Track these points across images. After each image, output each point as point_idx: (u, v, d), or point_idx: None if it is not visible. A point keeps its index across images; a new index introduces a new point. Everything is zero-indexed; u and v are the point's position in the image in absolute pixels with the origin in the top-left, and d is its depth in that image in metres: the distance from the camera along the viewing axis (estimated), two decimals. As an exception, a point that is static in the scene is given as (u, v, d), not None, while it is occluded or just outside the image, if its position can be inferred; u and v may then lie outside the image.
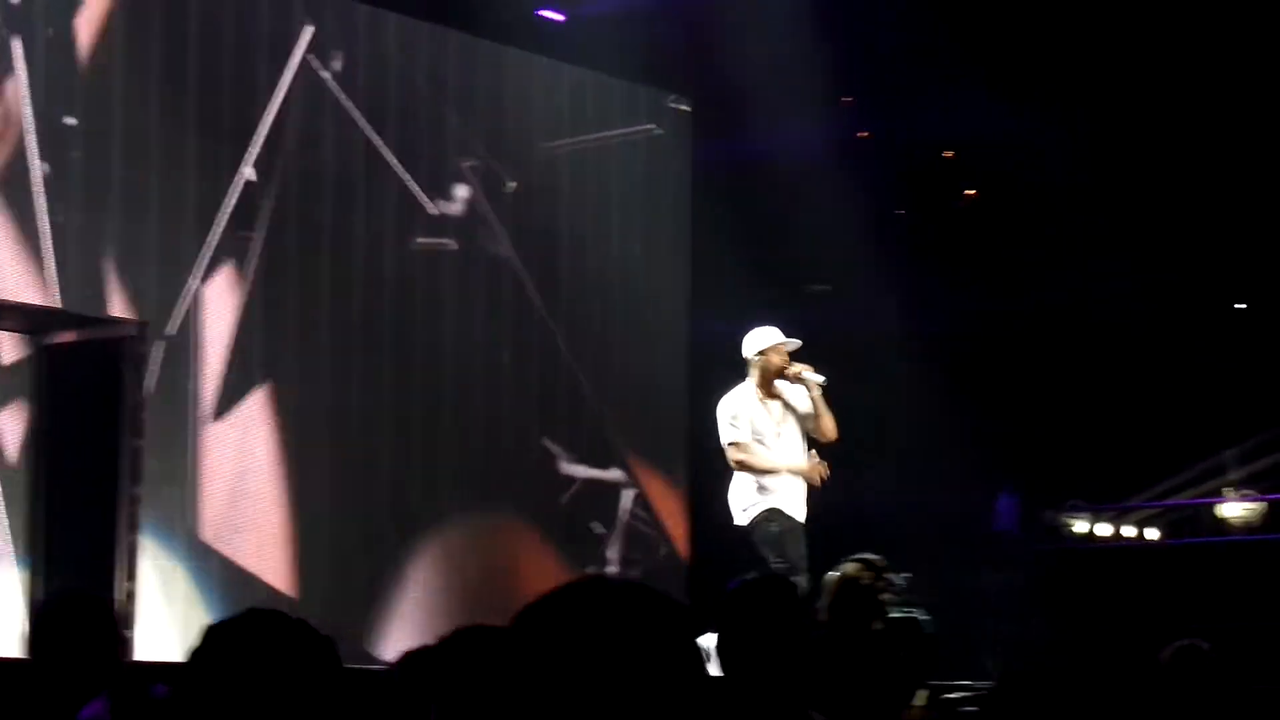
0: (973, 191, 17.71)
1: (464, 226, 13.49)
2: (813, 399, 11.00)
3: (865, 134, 16.36)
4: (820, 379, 11.02)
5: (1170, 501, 17.66)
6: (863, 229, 15.08)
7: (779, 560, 10.57)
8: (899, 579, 9.02)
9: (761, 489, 10.88)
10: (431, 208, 13.19)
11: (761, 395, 11.03)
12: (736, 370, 14.78)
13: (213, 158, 12.18)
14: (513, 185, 13.77)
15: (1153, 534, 17.71)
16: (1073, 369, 17.46)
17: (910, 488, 15.58)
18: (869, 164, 15.85)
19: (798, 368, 11.02)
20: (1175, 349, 16.88)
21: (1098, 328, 17.07)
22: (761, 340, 11.13)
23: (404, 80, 13.14)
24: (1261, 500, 17.16)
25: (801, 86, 14.48)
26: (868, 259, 15.24)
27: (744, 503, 10.91)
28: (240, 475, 12.08)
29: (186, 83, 12.05)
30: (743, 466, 10.87)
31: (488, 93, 13.72)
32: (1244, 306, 18.60)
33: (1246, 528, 17.15)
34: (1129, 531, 17.84)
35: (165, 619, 11.49)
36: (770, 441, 10.94)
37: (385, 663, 10.13)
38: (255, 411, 12.21)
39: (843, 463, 11.26)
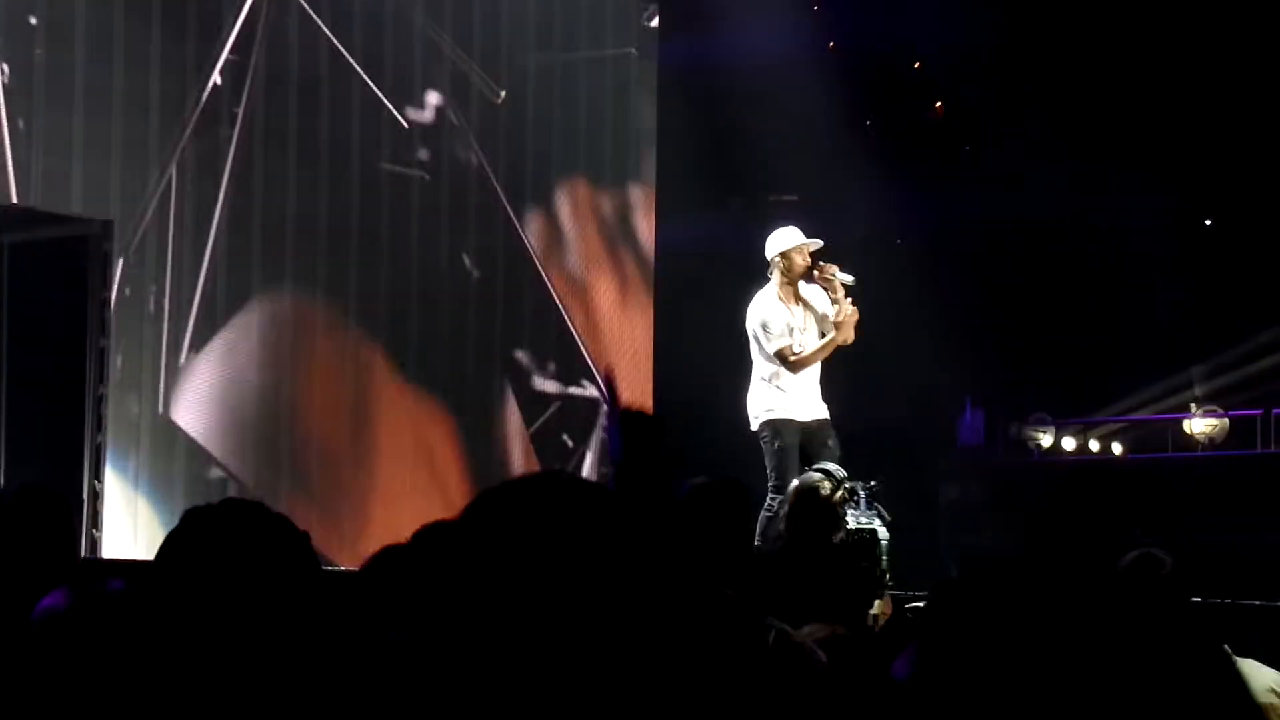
0: (940, 105, 17.69)
1: (434, 135, 13.44)
2: (836, 299, 10.69)
3: (832, 45, 16.31)
4: (849, 279, 10.71)
5: (1135, 416, 17.71)
6: (830, 140, 15.05)
7: (774, 477, 10.44)
8: (867, 486, 9.07)
9: (773, 393, 10.66)
10: (401, 120, 13.12)
11: (785, 297, 10.76)
12: (701, 278, 14.79)
13: (178, 57, 12.09)
14: (502, 94, 13.74)
15: (1117, 449, 17.77)
16: (1041, 284, 17.49)
17: (876, 399, 15.59)
18: (838, 74, 15.81)
19: (830, 268, 10.70)
20: (1143, 264, 16.91)
21: (1067, 242, 17.11)
22: (782, 241, 10.83)
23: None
24: (1225, 416, 17.22)
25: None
26: (835, 169, 15.23)
27: (754, 409, 10.74)
28: (206, 375, 12.07)
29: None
30: (802, 365, 10.60)
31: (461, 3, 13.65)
32: (1210, 223, 18.63)
33: (1210, 443, 17.21)
34: (1094, 446, 17.91)
35: (130, 519, 11.49)
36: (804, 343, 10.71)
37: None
38: (223, 312, 12.19)
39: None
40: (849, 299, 10.70)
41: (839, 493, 8.37)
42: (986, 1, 15.51)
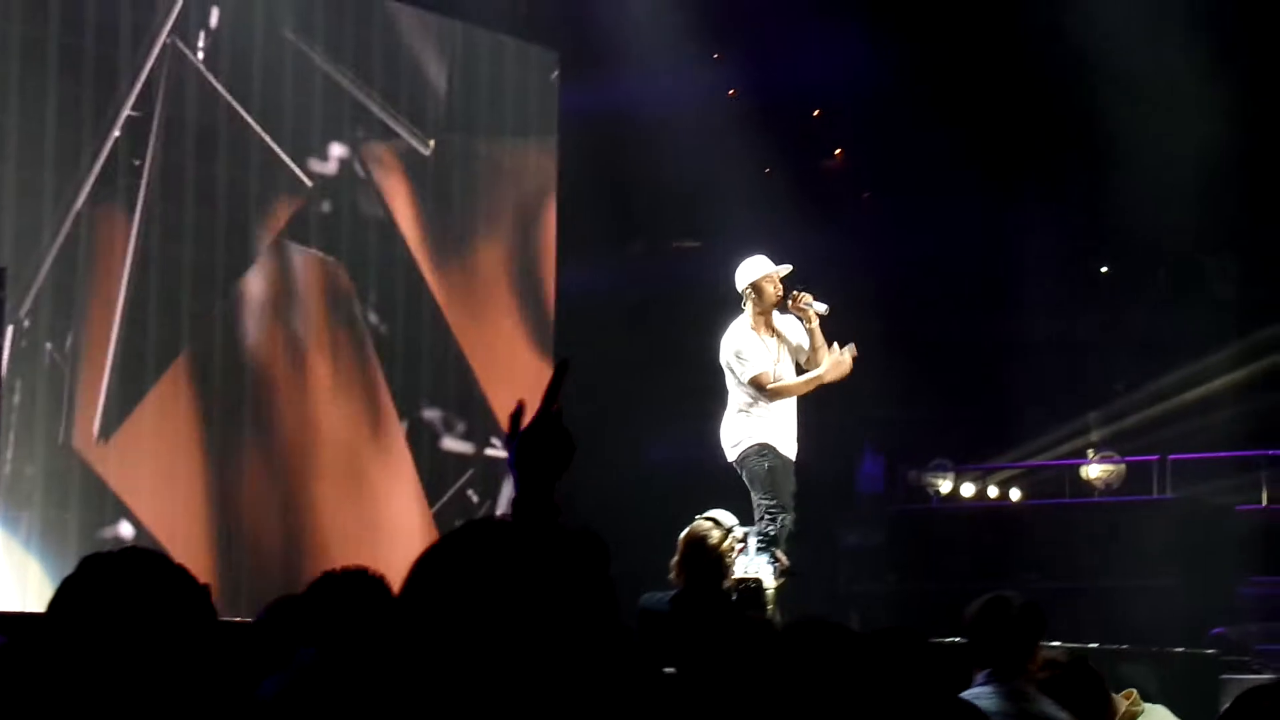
0: (840, 151, 17.80)
1: (336, 186, 13.38)
2: (810, 330, 10.52)
3: (733, 92, 16.39)
4: (823, 308, 10.57)
5: (1032, 462, 17.83)
6: (731, 186, 15.11)
7: (768, 496, 10.24)
8: (760, 529, 9.07)
9: (754, 422, 10.44)
10: (301, 173, 13.07)
11: (757, 327, 10.59)
12: (605, 324, 14.79)
13: (75, 108, 12.01)
14: (431, 144, 13.75)
15: (1015, 494, 17.87)
16: (940, 329, 17.59)
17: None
18: (738, 121, 15.88)
19: (804, 297, 10.53)
20: (1041, 310, 17.05)
21: (965, 288, 17.22)
22: (751, 271, 10.66)
23: (272, 40, 13.01)
24: (1121, 462, 17.36)
25: (672, 42, 14.49)
26: (735, 216, 15.28)
27: (734, 438, 10.49)
28: (108, 421, 11.96)
29: (48, 24, 11.88)
30: (780, 394, 10.40)
31: (359, 47, 13.61)
32: (1107, 270, 18.81)
33: (1107, 488, 17.35)
34: (993, 492, 18.01)
35: (18, 576, 11.37)
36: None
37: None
38: (135, 365, 12.11)
39: (712, 419, 11.22)
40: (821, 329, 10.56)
41: (727, 541, 8.35)
42: (886, 49, 15.62)
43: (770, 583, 8.85)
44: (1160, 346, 17.59)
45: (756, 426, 10.47)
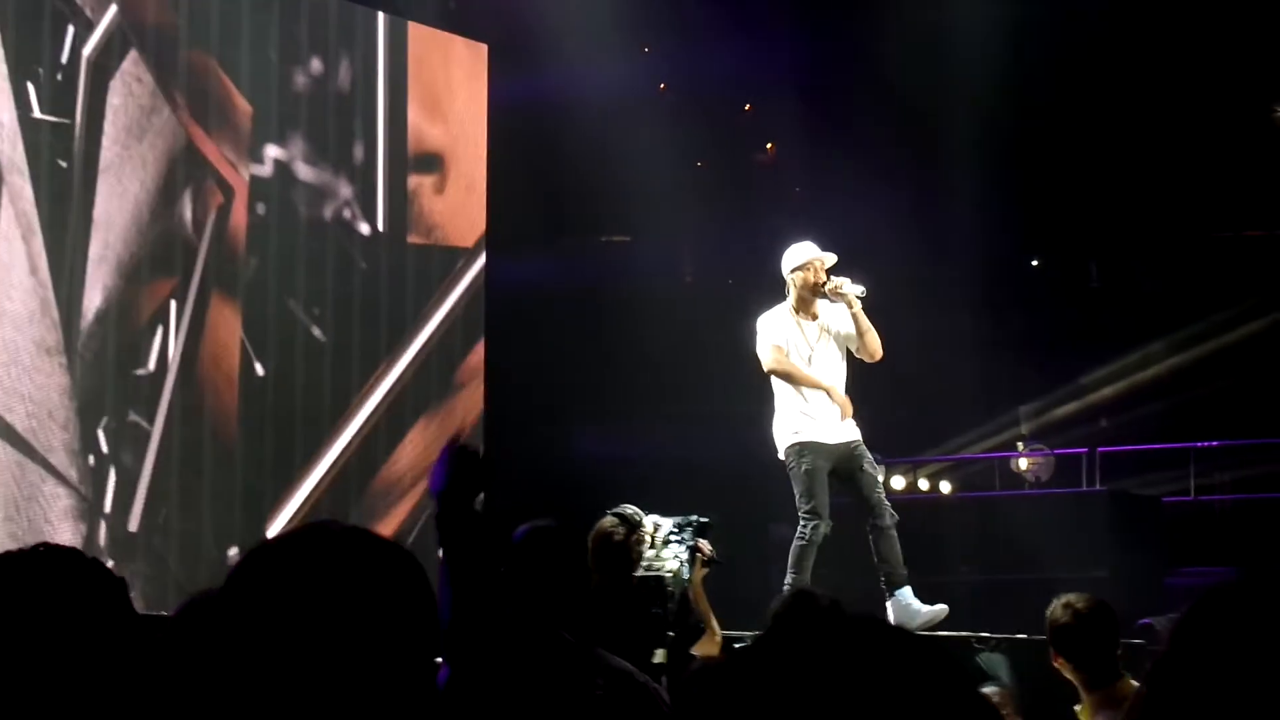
0: (771, 146, 17.82)
1: (272, 187, 13.27)
2: (854, 315, 10.35)
3: (664, 85, 16.39)
4: (860, 290, 10.37)
5: (963, 455, 17.90)
6: (662, 180, 15.10)
7: (802, 501, 10.24)
8: (688, 522, 9.05)
9: (798, 418, 10.35)
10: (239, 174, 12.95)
11: (798, 315, 10.44)
12: (534, 317, 14.75)
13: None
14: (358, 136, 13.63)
15: (946, 487, 17.93)
16: (870, 321, 17.61)
17: (706, 438, 15.63)
18: (669, 115, 15.88)
19: (835, 281, 10.35)
20: (972, 304, 17.11)
21: (898, 281, 17.24)
22: (797, 256, 10.54)
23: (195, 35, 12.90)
24: (1051, 454, 17.45)
25: (602, 34, 14.47)
26: (666, 210, 15.27)
27: (780, 437, 10.43)
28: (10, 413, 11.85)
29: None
30: (779, 373, 10.31)
31: (286, 40, 13.51)
32: (1037, 263, 18.90)
33: (1037, 481, 17.43)
34: (923, 484, 18.06)
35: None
36: (802, 364, 10.39)
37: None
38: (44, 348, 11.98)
39: (636, 412, 11.22)
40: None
41: (634, 535, 8.33)
42: (817, 44, 15.65)
43: (685, 574, 8.82)
44: (1090, 340, 17.69)
45: (795, 423, 10.38)
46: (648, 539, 8.71)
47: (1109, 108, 16.80)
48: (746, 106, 17.52)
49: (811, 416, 10.36)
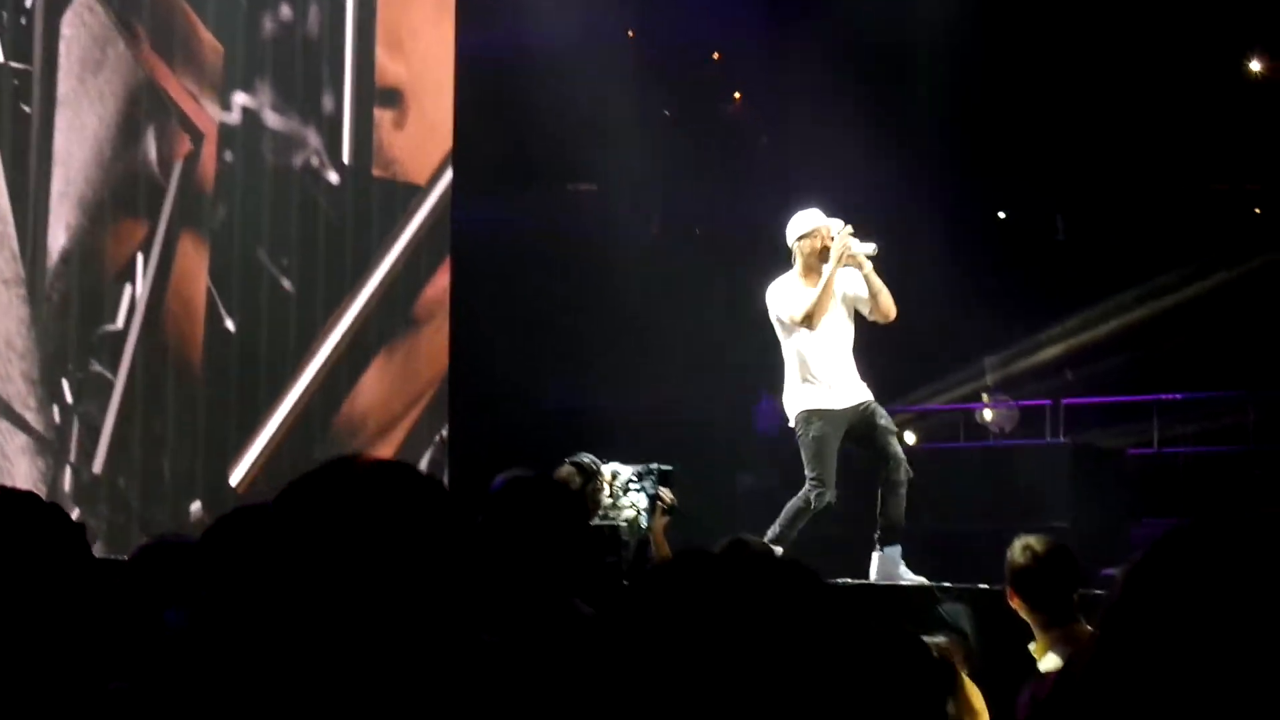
0: (739, 95, 17.79)
1: (239, 135, 13.17)
2: (865, 276, 10.24)
3: (632, 33, 16.33)
4: (870, 248, 10.29)
5: (928, 406, 17.92)
6: (629, 129, 15.07)
7: (810, 469, 10.19)
8: (648, 472, 9.06)
9: (801, 387, 10.27)
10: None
11: (806, 283, 10.32)
12: (501, 266, 14.72)
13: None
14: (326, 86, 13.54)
15: (911, 438, 17.95)
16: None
17: (672, 388, 15.64)
18: (637, 64, 15.84)
19: (842, 240, 10.22)
20: (938, 255, 17.11)
21: (865, 233, 17.23)
22: (802, 224, 10.44)
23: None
24: (1016, 406, 17.49)
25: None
26: (633, 159, 15.24)
27: (787, 406, 10.38)
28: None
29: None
30: (810, 317, 10.09)
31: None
32: (1004, 216, 18.90)
33: (1001, 432, 17.48)
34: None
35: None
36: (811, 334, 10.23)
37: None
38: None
39: (603, 360, 11.21)
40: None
41: (592, 484, 8.33)
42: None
43: (642, 522, 8.82)
44: (1055, 293, 17.72)
45: (804, 392, 10.31)
46: (606, 487, 8.71)
47: (1077, 60, 16.79)
48: (715, 55, 17.47)
49: (817, 381, 10.27)
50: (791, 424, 10.43)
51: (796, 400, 10.36)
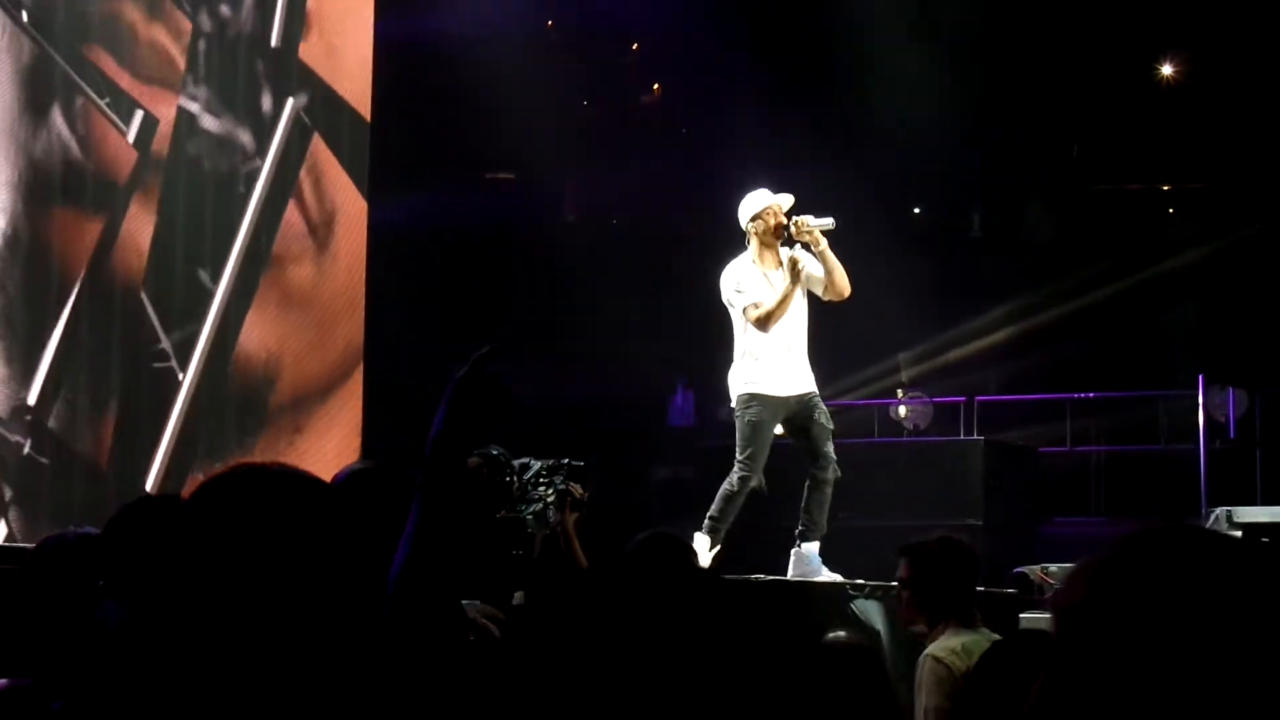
0: (658, 86, 17.77)
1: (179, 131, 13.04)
2: (820, 253, 9.96)
3: (551, 22, 16.30)
4: (827, 222, 9.99)
5: (843, 401, 17.96)
6: (548, 119, 15.02)
7: (740, 452, 10.09)
8: (559, 465, 9.01)
9: (744, 369, 10.11)
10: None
11: (762, 265, 10.11)
12: (416, 256, 14.64)
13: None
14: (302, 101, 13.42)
15: (824, 432, 17.99)
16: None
17: (589, 380, 15.62)
18: (557, 54, 15.79)
19: (803, 220, 9.93)
20: (858, 250, 17.14)
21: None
22: (752, 205, 10.19)
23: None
24: (930, 402, 17.55)
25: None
26: (551, 149, 15.20)
27: (734, 385, 10.18)
28: None
29: None
30: (766, 320, 9.96)
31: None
32: (918, 211, 18.97)
33: (915, 428, 17.54)
34: (802, 430, 18.10)
35: None
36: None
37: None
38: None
39: (517, 351, 11.15)
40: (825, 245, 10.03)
41: (497, 476, 8.28)
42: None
43: (552, 516, 8.77)
44: (972, 288, 17.80)
45: (747, 374, 10.16)
46: (514, 480, 8.66)
47: (999, 59, 16.85)
48: (634, 46, 17.45)
49: (760, 362, 10.15)
50: (732, 404, 10.38)
51: (740, 381, 10.27)
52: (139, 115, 12.82)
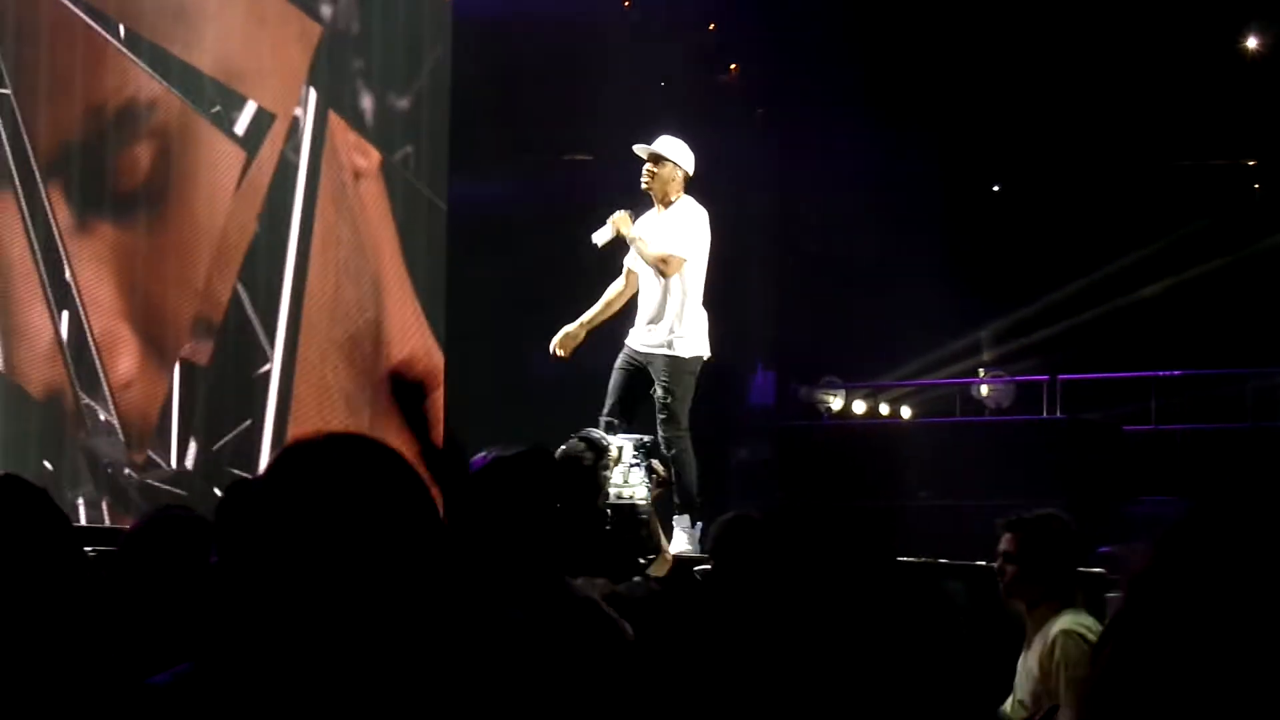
0: (735, 66, 17.71)
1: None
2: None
3: (628, 4, 16.26)
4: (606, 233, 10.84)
5: (924, 381, 17.88)
6: (624, 99, 14.97)
7: (687, 424, 10.36)
8: (641, 444, 8.98)
9: (700, 324, 10.61)
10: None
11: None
12: (496, 236, 14.66)
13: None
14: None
15: (906, 413, 17.93)
16: (834, 245, 17.59)
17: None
18: (633, 33, 15.76)
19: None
20: (935, 228, 17.06)
21: (859, 205, 17.20)
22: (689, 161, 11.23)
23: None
24: (1012, 381, 17.44)
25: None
26: (628, 130, 15.13)
27: (682, 348, 10.61)
28: None
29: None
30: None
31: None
32: (999, 189, 18.85)
33: (997, 408, 17.44)
34: (884, 409, 18.06)
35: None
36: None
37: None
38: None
39: (600, 333, 11.12)
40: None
41: (600, 460, 8.26)
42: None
43: (643, 497, 8.75)
44: (1052, 266, 17.67)
45: (702, 329, 10.66)
46: (613, 464, 8.66)
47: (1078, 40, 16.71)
48: (710, 26, 17.39)
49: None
50: (684, 356, 10.51)
51: (698, 340, 10.57)
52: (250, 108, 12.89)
